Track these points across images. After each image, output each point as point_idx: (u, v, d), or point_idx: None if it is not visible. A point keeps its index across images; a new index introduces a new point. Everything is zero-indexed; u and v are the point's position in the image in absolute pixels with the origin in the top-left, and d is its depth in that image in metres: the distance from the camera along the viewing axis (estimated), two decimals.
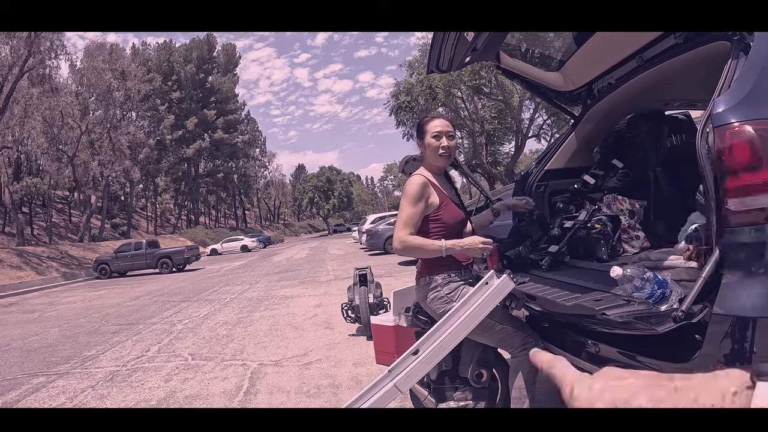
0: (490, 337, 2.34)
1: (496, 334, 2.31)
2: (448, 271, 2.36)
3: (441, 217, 2.35)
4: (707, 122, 1.61)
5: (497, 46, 2.84)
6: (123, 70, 37.86)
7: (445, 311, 2.26)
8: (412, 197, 2.29)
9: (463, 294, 2.28)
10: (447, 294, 2.33)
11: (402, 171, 3.84)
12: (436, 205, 2.35)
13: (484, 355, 2.51)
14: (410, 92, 29.59)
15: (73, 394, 4.55)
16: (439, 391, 2.56)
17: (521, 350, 2.33)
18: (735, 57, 1.72)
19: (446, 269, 2.36)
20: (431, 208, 2.34)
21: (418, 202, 2.30)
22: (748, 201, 1.48)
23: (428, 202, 2.33)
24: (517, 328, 2.35)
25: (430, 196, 2.34)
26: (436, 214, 2.35)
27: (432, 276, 2.38)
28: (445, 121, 2.43)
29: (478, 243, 2.24)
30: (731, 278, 1.50)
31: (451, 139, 2.41)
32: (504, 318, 2.34)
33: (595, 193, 2.99)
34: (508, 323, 2.33)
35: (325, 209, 72.07)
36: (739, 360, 1.45)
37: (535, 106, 28.23)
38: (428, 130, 2.41)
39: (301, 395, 3.84)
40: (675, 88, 2.78)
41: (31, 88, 30.01)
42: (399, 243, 2.30)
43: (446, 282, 2.35)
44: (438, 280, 2.36)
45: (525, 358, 2.32)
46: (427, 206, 2.33)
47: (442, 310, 2.30)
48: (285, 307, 8.28)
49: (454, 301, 2.28)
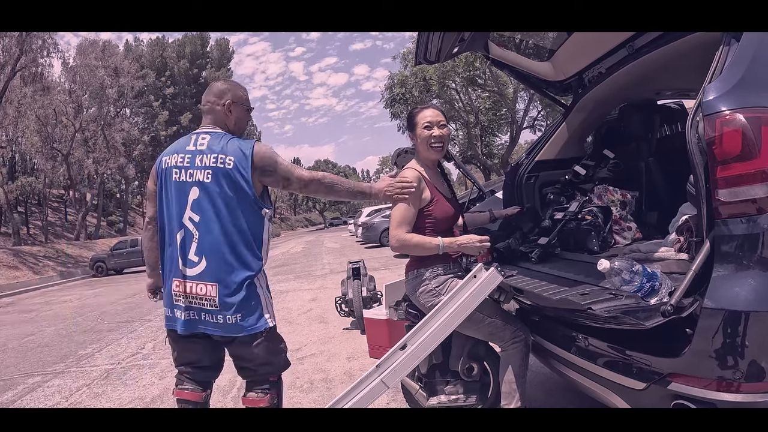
0: (480, 331, 2.32)
1: (486, 327, 2.29)
2: (437, 264, 2.33)
3: (432, 212, 2.33)
4: (697, 111, 1.58)
5: (485, 37, 2.81)
6: (116, 67, 37.52)
7: (433, 305, 2.24)
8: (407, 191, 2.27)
9: (451, 287, 2.26)
10: (435, 287, 2.31)
11: (395, 164, 3.80)
12: (427, 200, 2.32)
13: (474, 348, 2.49)
14: (404, 84, 29.46)
15: (69, 393, 4.54)
16: (429, 384, 2.55)
17: (511, 344, 2.30)
18: (726, 44, 1.68)
19: (435, 263, 2.33)
20: (423, 203, 2.32)
21: (413, 198, 2.27)
22: (739, 191, 1.45)
23: (421, 197, 2.30)
24: (506, 321, 2.32)
25: (423, 191, 2.31)
26: (427, 209, 2.32)
27: (420, 270, 2.35)
28: (435, 110, 2.39)
29: (476, 241, 2.21)
30: (722, 271, 1.47)
31: (443, 128, 2.36)
32: (493, 311, 2.31)
33: (586, 184, 2.96)
34: (498, 317, 2.31)
35: (321, 203, 72.06)
36: (732, 354, 1.42)
37: (530, 97, 28.15)
38: (419, 121, 2.37)
39: (294, 390, 3.83)
40: (667, 76, 2.74)
41: (23, 87, 29.76)
42: (396, 242, 2.26)
43: (434, 275, 2.32)
44: (426, 274, 2.33)
45: (515, 352, 2.30)
46: (420, 201, 2.30)
47: (431, 303, 2.28)
48: (280, 302, 8.27)
49: (442, 294, 2.26)
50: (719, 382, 1.43)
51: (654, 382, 1.62)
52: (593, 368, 1.93)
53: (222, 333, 2.12)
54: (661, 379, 1.60)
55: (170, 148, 2.22)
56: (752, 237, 1.43)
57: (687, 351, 1.50)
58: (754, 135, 1.44)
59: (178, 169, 2.14)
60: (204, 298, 2.09)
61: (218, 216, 2.09)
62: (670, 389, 1.56)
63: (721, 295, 1.44)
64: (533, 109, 30.28)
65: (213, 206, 2.09)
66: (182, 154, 2.15)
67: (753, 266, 1.42)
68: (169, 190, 2.16)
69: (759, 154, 1.43)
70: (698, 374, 1.49)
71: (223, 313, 2.09)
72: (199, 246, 2.10)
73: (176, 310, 2.15)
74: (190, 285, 2.11)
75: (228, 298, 2.08)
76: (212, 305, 2.09)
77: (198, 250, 2.10)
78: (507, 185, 3.20)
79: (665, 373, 1.58)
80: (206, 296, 2.09)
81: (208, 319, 2.11)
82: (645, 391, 1.66)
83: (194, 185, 2.10)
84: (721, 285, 1.45)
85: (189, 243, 2.12)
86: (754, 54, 1.59)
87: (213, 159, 2.10)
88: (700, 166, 1.55)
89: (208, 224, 2.09)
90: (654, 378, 1.62)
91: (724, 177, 1.47)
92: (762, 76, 1.56)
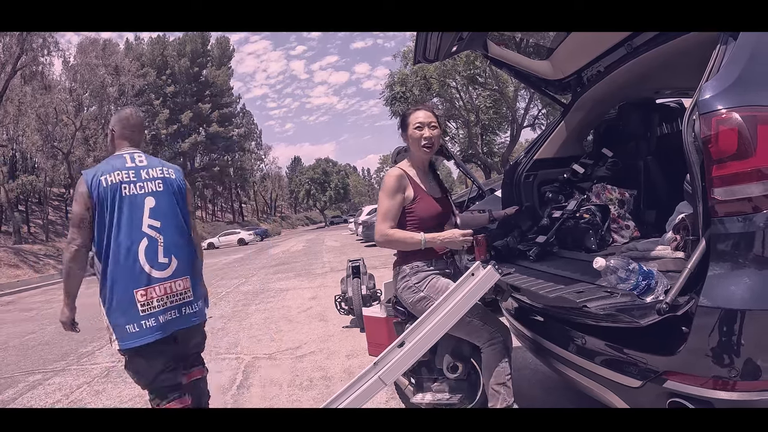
0: (459, 329, 2.32)
1: (465, 326, 2.30)
2: (417, 261, 2.37)
3: (414, 209, 2.37)
4: (693, 109, 1.58)
5: (484, 36, 2.81)
6: (117, 66, 37.54)
7: (413, 301, 2.31)
8: (389, 190, 2.33)
9: (432, 284, 2.31)
10: (415, 284, 2.34)
11: (394, 162, 3.81)
12: (410, 199, 2.37)
13: (458, 347, 2.50)
14: (405, 83, 29.43)
15: (69, 391, 4.55)
16: (417, 381, 2.56)
17: (488, 345, 2.31)
18: (724, 42, 1.68)
19: (416, 259, 2.37)
20: (406, 201, 2.37)
21: (396, 194, 2.33)
22: (735, 190, 1.45)
23: (404, 195, 2.35)
24: (484, 322, 2.33)
25: (406, 188, 2.36)
26: (410, 207, 2.37)
27: (402, 266, 2.40)
28: (427, 111, 2.42)
29: (458, 236, 2.25)
30: (718, 269, 1.47)
31: (433, 129, 2.40)
32: (472, 311, 2.31)
33: (584, 183, 2.97)
34: (477, 317, 2.31)
35: (321, 201, 72.14)
36: (727, 353, 1.43)
37: (531, 96, 28.11)
38: (411, 121, 2.41)
39: (294, 388, 3.84)
40: (666, 75, 2.74)
41: (24, 85, 29.78)
42: (380, 236, 2.34)
43: (414, 272, 2.36)
44: (406, 270, 2.38)
45: (494, 353, 2.30)
46: (404, 198, 2.35)
47: (411, 299, 2.34)
48: (280, 300, 8.27)
49: (421, 291, 2.31)
50: (715, 380, 1.44)
51: (650, 380, 1.63)
52: (590, 366, 1.94)
53: (198, 320, 2.49)
54: (657, 377, 1.60)
55: (104, 168, 2.36)
56: (748, 235, 1.44)
57: (683, 349, 1.51)
58: (750, 134, 1.44)
59: (126, 184, 2.34)
60: (183, 292, 2.41)
61: (173, 218, 2.44)
62: (666, 387, 1.56)
63: (716, 293, 1.45)
64: (534, 107, 30.27)
65: (168, 210, 2.42)
66: (124, 170, 2.36)
67: (748, 265, 1.43)
68: (120, 205, 2.31)
69: (755, 153, 1.44)
70: (694, 372, 1.49)
71: (197, 301, 2.49)
72: (165, 248, 2.36)
73: (148, 319, 2.28)
74: (166, 286, 2.35)
75: (196, 287, 2.50)
76: (190, 296, 2.44)
77: (165, 252, 2.36)
78: (506, 184, 3.20)
79: (661, 371, 1.59)
80: (184, 290, 2.42)
81: (189, 311, 2.43)
82: (641, 389, 1.67)
83: (148, 195, 2.37)
84: (717, 283, 1.46)
85: (155, 248, 2.34)
86: (752, 52, 1.58)
87: (159, 171, 2.46)
88: (696, 165, 1.55)
89: (168, 227, 2.40)
90: (650, 376, 1.63)
91: (720, 175, 1.47)
92: (759, 74, 1.56)
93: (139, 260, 2.29)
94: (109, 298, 2.31)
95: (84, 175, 2.31)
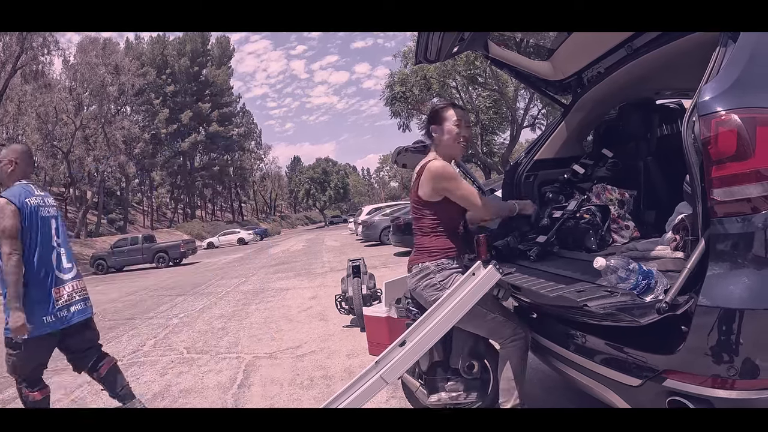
0: (482, 327, 2.33)
1: (488, 323, 2.30)
2: (442, 258, 2.36)
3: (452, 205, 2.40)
4: (693, 111, 1.59)
5: (485, 36, 2.81)
6: (117, 65, 37.54)
7: (436, 299, 2.26)
8: (456, 174, 2.36)
9: (455, 282, 2.28)
10: (440, 281, 2.33)
11: (395, 161, 3.81)
12: None
13: (475, 346, 2.51)
14: (405, 83, 29.42)
15: (70, 390, 4.57)
16: (430, 382, 2.56)
17: (511, 341, 2.32)
18: (723, 44, 1.69)
19: (440, 256, 2.36)
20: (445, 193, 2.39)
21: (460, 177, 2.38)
22: (734, 191, 1.47)
23: None
24: (507, 318, 2.34)
25: None
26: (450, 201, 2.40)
27: (425, 263, 2.38)
28: (462, 110, 2.47)
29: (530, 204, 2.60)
30: (717, 269, 1.49)
31: (468, 128, 2.46)
32: (495, 307, 2.33)
33: (584, 183, 2.97)
34: (499, 312, 2.33)
35: (321, 201, 72.06)
36: (726, 351, 1.44)
37: (531, 96, 28.12)
38: (448, 117, 2.42)
39: (294, 387, 3.85)
40: (666, 76, 2.75)
41: (24, 84, 29.76)
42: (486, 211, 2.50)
43: (439, 269, 2.35)
44: (431, 267, 2.36)
45: (514, 350, 2.31)
46: None
47: (434, 297, 2.30)
48: (280, 300, 8.28)
49: (446, 288, 2.28)
50: (714, 379, 1.45)
51: (649, 379, 1.64)
52: (590, 365, 1.95)
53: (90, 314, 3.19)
54: (656, 376, 1.61)
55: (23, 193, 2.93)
56: (747, 236, 1.45)
57: (682, 348, 1.52)
58: (749, 135, 1.45)
59: (42, 208, 3.00)
60: (83, 289, 3.17)
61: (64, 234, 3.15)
62: (666, 386, 1.58)
63: (715, 292, 1.46)
64: (534, 107, 30.29)
65: (61, 229, 3.14)
66: (37, 197, 3.00)
67: (747, 264, 1.44)
68: (39, 224, 2.95)
69: (753, 154, 1.45)
70: (693, 371, 1.51)
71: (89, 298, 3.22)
72: (67, 257, 3.09)
73: (72, 306, 3.00)
74: (73, 284, 3.08)
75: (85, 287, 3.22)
76: (86, 294, 3.19)
77: (67, 260, 3.09)
78: (506, 184, 3.21)
79: (660, 370, 1.60)
80: (83, 288, 3.17)
81: (89, 304, 3.19)
82: (640, 387, 1.68)
83: (52, 217, 3.06)
84: (716, 283, 1.47)
85: (61, 258, 3.05)
86: (751, 54, 1.60)
87: (51, 200, 3.15)
88: (695, 166, 1.56)
89: (65, 242, 3.13)
90: (649, 375, 1.64)
91: (719, 176, 1.48)
92: (758, 76, 1.57)
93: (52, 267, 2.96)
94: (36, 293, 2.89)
95: (9, 197, 2.83)
